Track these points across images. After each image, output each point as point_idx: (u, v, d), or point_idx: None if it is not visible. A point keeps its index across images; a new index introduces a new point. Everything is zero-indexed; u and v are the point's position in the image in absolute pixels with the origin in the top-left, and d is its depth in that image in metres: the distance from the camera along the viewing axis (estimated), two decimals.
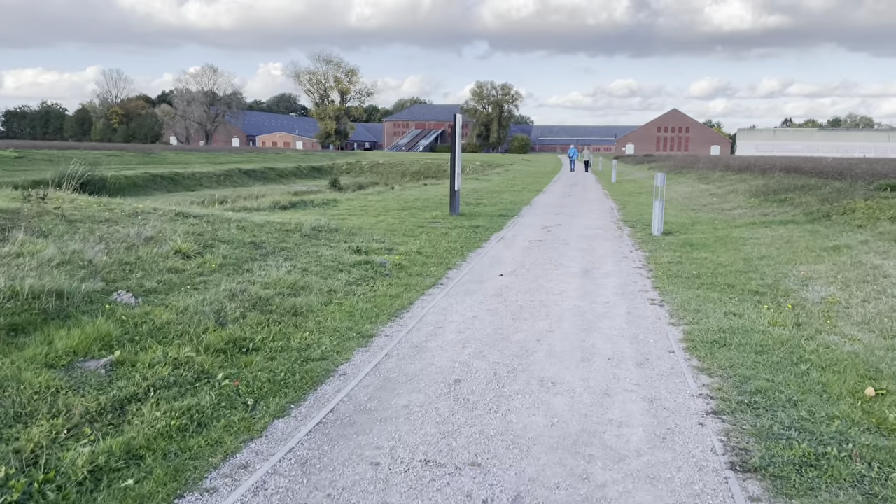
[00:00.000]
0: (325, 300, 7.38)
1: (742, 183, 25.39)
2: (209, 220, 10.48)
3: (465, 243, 12.24)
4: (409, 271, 9.35)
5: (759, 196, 20.48)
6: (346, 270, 8.95)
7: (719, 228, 14.69)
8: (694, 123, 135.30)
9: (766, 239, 12.64)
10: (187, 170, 45.15)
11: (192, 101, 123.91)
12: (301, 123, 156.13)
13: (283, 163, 61.98)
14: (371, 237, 11.98)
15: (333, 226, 12.41)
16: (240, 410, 4.49)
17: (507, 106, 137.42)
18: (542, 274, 9.55)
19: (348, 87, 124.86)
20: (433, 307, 7.47)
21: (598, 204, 21.77)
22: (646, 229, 14.89)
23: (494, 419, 4.44)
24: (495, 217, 16.91)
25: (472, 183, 31.64)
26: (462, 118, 16.74)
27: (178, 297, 6.64)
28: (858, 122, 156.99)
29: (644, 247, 12.29)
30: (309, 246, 10.31)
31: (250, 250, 9.16)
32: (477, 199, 21.80)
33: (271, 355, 5.53)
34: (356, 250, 10.35)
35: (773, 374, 5.24)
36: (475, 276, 9.37)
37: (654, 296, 8.18)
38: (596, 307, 7.57)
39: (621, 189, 29.70)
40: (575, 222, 16.31)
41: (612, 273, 9.67)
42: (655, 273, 9.60)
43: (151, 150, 59.38)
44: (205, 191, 39.76)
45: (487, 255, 11.22)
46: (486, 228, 14.54)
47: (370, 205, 18.17)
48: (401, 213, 16.46)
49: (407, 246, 11.38)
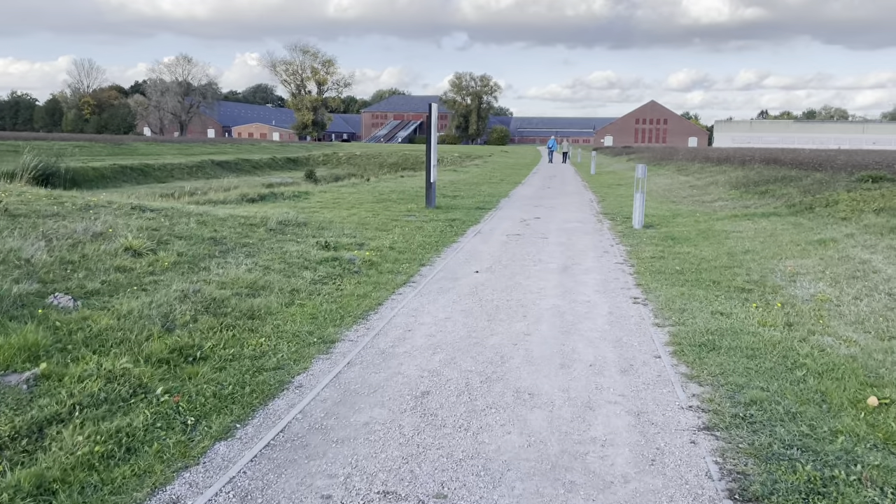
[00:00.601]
0: (287, 301, 6.85)
1: (722, 175, 25.17)
2: (167, 215, 9.88)
3: (440, 238, 11.76)
4: (380, 268, 8.85)
5: (739, 188, 20.23)
6: (312, 268, 8.42)
7: (701, 221, 14.36)
8: (672, 115, 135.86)
9: (749, 232, 12.32)
10: (158, 161, 44.09)
11: (166, 91, 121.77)
12: (278, 114, 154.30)
13: (258, 154, 60.92)
14: (341, 232, 11.44)
15: (302, 220, 11.85)
16: (177, 432, 3.97)
17: (486, 97, 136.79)
18: (520, 270, 9.10)
19: (325, 78, 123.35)
20: (403, 308, 6.98)
21: (577, 196, 21.39)
22: (626, 222, 14.52)
23: (465, 439, 3.97)
24: (472, 210, 16.44)
25: (449, 175, 31.14)
26: (439, 109, 16.24)
27: (122, 300, 6.08)
28: (833, 114, 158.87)
29: (625, 241, 11.90)
30: (274, 241, 9.75)
31: (209, 247, 8.58)
32: (454, 192, 21.31)
33: (220, 365, 5.01)
34: (324, 246, 9.81)
35: (767, 382, 4.83)
36: (449, 273, 8.89)
37: (637, 294, 7.77)
38: (576, 306, 7.13)
39: (600, 181, 29.39)
40: (554, 215, 15.90)
41: (592, 269, 9.25)
42: (638, 269, 9.19)
43: (122, 141, 57.98)
44: (176, 182, 38.79)
45: (463, 250, 10.75)
46: (463, 222, 14.07)
47: (343, 197, 17.60)
48: (375, 207, 15.92)
49: (379, 241, 10.87)
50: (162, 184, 38.19)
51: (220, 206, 13.46)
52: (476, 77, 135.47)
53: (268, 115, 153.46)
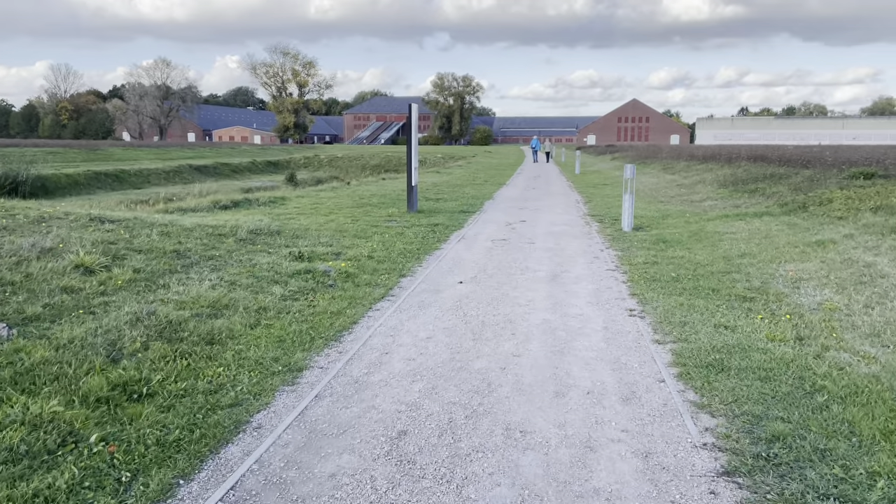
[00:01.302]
0: (252, 321, 6.24)
1: (708, 173, 24.81)
2: (128, 226, 9.22)
3: (422, 244, 11.18)
4: (357, 280, 8.25)
5: (727, 186, 19.84)
6: (283, 282, 7.80)
7: (692, 222, 13.90)
8: (653, 113, 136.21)
9: (742, 233, 11.86)
10: (134, 167, 43.10)
11: (145, 95, 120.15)
12: (259, 117, 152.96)
13: (238, 158, 60.00)
14: (317, 240, 10.82)
15: (275, 228, 11.22)
16: (107, 493, 3.36)
17: (468, 97, 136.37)
18: (507, 280, 8.54)
19: (306, 80, 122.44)
20: (381, 326, 6.39)
21: (563, 197, 20.90)
22: (615, 224, 14.02)
23: (447, 495, 3.40)
24: (456, 214, 15.87)
25: (432, 176, 30.56)
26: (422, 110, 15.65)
27: (65, 326, 5.44)
28: (812, 110, 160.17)
29: (615, 245, 11.39)
30: (243, 253, 9.12)
31: (171, 261, 7.94)
32: (437, 194, 20.74)
33: (169, 402, 4.40)
34: (298, 256, 9.20)
35: (787, 411, 4.31)
36: (431, 284, 8.31)
37: (633, 305, 7.23)
38: (568, 321, 6.58)
39: (585, 181, 28.95)
40: (540, 218, 15.37)
41: (583, 277, 8.71)
42: (631, 276, 8.67)
43: (98, 147, 56.78)
44: (152, 188, 37.90)
45: (446, 257, 10.18)
46: (446, 227, 13.50)
47: (322, 202, 16.96)
48: (354, 212, 15.31)
49: (357, 249, 10.27)
50: (137, 190, 37.29)
51: (190, 215, 12.79)
52: (458, 77, 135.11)
53: (249, 118, 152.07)
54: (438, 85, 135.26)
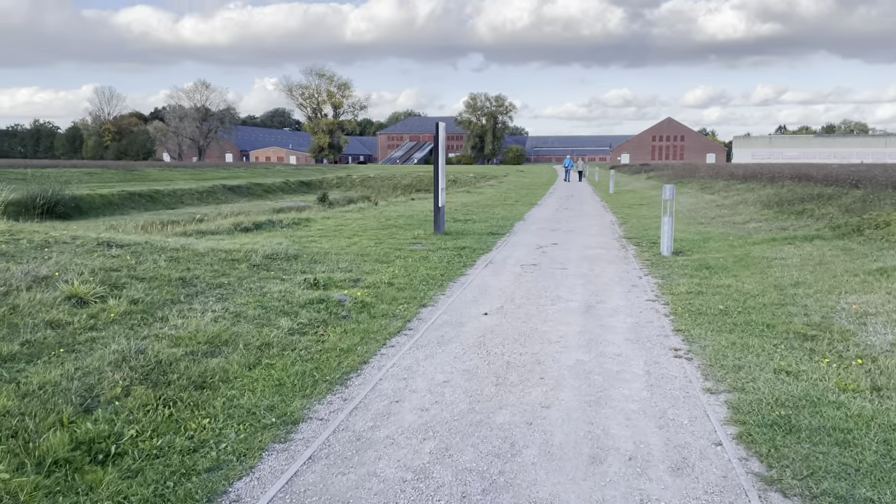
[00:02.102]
0: (252, 361, 5.64)
1: (750, 193, 23.76)
2: (135, 251, 8.75)
3: (446, 270, 10.53)
4: (374, 311, 7.62)
5: (772, 207, 18.83)
6: (293, 313, 7.21)
7: (736, 246, 13.00)
8: (688, 132, 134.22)
9: (793, 259, 10.95)
10: (168, 187, 43.44)
11: (185, 117, 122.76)
12: (295, 138, 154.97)
13: (272, 178, 60.34)
14: (336, 265, 10.25)
15: (293, 252, 10.68)
16: None
17: (501, 117, 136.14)
18: (536, 311, 7.82)
19: (341, 101, 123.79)
20: (393, 367, 5.73)
21: (596, 218, 20.08)
22: (653, 248, 13.20)
23: None
24: (484, 236, 15.20)
25: (462, 196, 29.98)
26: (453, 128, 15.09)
27: (40, 368, 4.90)
28: (853, 128, 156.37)
29: (654, 271, 10.59)
30: (254, 280, 8.57)
31: (174, 290, 7.41)
32: (466, 215, 20.11)
33: (139, 465, 3.79)
34: (313, 284, 8.61)
35: (877, 491, 3.51)
36: (454, 315, 7.63)
37: (678, 343, 6.45)
38: (605, 362, 5.84)
39: (620, 200, 28.06)
40: (573, 240, 14.61)
41: (620, 309, 7.94)
42: (674, 308, 7.88)
43: (134, 168, 57.68)
44: (185, 209, 38.10)
45: (471, 284, 9.50)
46: (473, 250, 12.83)
47: (346, 224, 16.45)
48: (379, 234, 14.75)
49: (377, 275, 9.65)
50: (170, 210, 37.49)
51: (208, 238, 12.35)
52: (491, 97, 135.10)
53: (285, 139, 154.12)
54: (471, 105, 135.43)
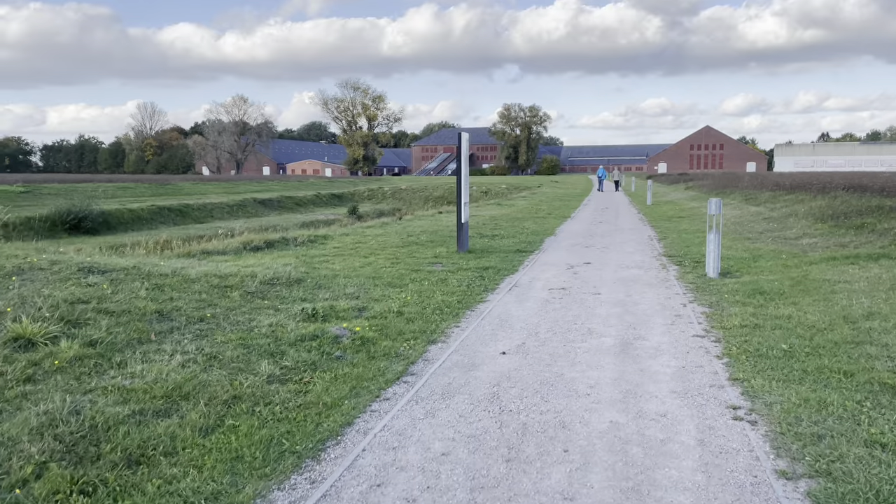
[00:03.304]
0: (212, 422, 4.65)
1: (799, 204, 22.18)
2: (116, 279, 7.88)
3: (464, 296, 9.47)
4: (374, 349, 6.60)
5: (826, 221, 17.31)
6: (279, 354, 6.22)
7: (791, 266, 11.65)
8: (728, 140, 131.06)
9: (860, 283, 9.61)
10: (199, 201, 43.30)
11: (223, 131, 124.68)
12: (330, 150, 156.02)
13: (303, 191, 60.11)
14: (342, 291, 9.26)
15: (297, 275, 9.74)
16: None
17: (535, 127, 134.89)
18: (563, 350, 6.70)
19: (375, 114, 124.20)
20: (382, 431, 4.68)
21: (633, 233, 18.80)
22: (696, 268, 11.94)
23: None
24: (511, 254, 14.10)
25: (492, 209, 28.91)
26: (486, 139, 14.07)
27: None
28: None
29: (700, 297, 9.36)
30: (245, 311, 7.62)
31: (146, 326, 6.49)
32: (493, 230, 19.03)
33: None
34: (310, 315, 7.63)
35: None
36: (466, 354, 6.56)
37: (736, 397, 5.27)
38: (646, 427, 4.70)
39: (658, 213, 26.65)
40: (608, 259, 13.41)
41: (663, 347, 6.77)
42: (727, 347, 6.68)
43: (168, 182, 57.99)
44: (215, 223, 37.82)
45: (491, 314, 8.41)
46: (498, 271, 11.75)
47: (365, 241, 15.51)
48: (398, 252, 13.76)
49: (386, 303, 8.64)
50: (199, 224, 37.26)
51: (211, 259, 11.50)
52: (525, 108, 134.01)
53: (321, 152, 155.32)
54: (505, 115, 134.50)
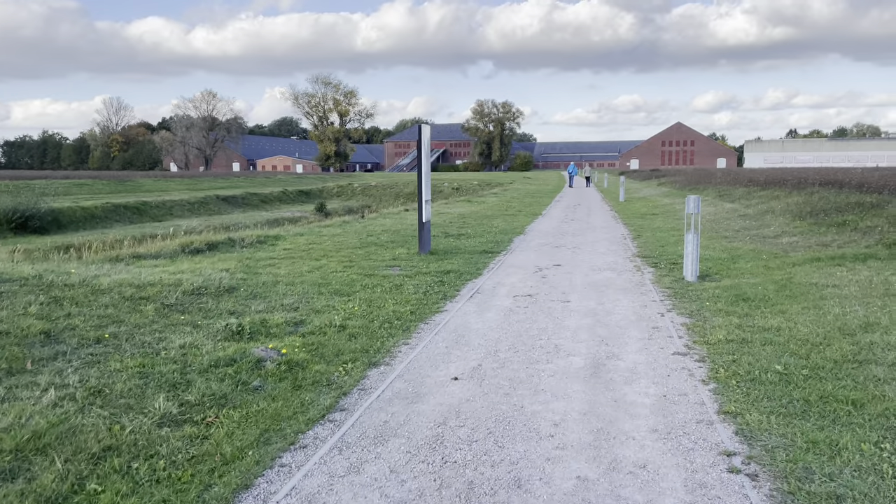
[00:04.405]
0: (67, 488, 3.58)
1: (775, 201, 21.57)
2: (7, 292, 6.74)
3: (419, 305, 8.47)
4: (302, 376, 5.57)
5: (804, 218, 16.65)
6: (184, 384, 5.17)
7: (773, 268, 10.87)
8: (698, 136, 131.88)
9: (850, 287, 8.82)
10: (158, 198, 41.63)
11: (192, 126, 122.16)
12: (301, 146, 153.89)
13: (270, 187, 58.57)
14: (280, 301, 8.21)
15: (230, 283, 8.66)
16: None
17: (508, 123, 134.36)
18: (525, 374, 5.75)
19: (347, 109, 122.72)
20: (287, 498, 3.67)
21: (606, 231, 17.96)
22: (673, 270, 11.10)
23: None
24: (476, 255, 13.13)
25: (461, 206, 27.93)
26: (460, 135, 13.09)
27: None
28: (865, 131, 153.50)
29: (679, 304, 8.48)
30: (157, 329, 6.54)
31: (21, 352, 5.39)
32: (460, 229, 18.06)
33: None
34: (234, 332, 6.58)
35: None
36: (411, 382, 5.57)
37: (728, 438, 4.36)
38: (621, 487, 3.75)
39: (631, 210, 25.93)
40: (579, 260, 12.52)
41: (640, 369, 5.85)
42: (713, 369, 5.77)
43: (128, 178, 56.05)
44: (174, 221, 36.36)
45: (447, 327, 7.43)
46: (460, 275, 10.77)
47: (320, 242, 14.43)
48: (354, 253, 12.72)
49: (328, 315, 7.61)
50: (157, 222, 35.75)
51: (140, 264, 10.34)
52: (498, 104, 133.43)
53: (292, 148, 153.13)
54: (478, 112, 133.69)
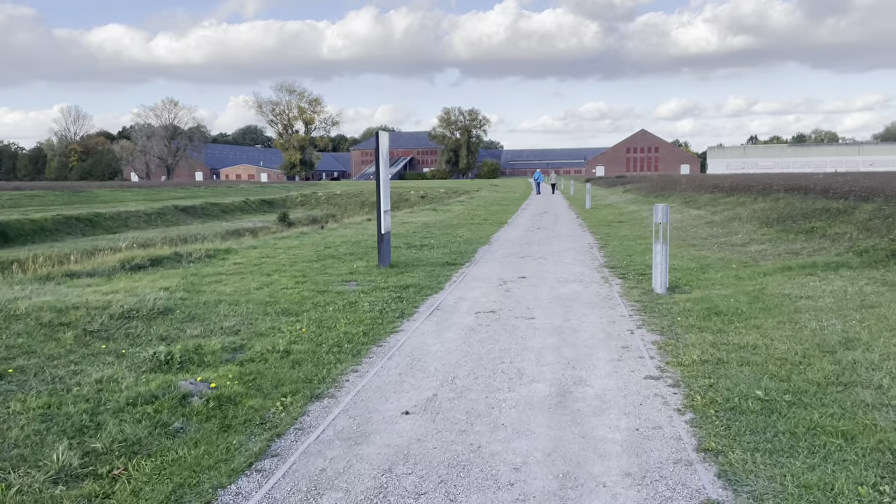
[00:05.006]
0: None
1: (741, 207, 21.46)
2: None
3: (374, 324, 7.86)
4: (233, 414, 4.92)
5: (772, 225, 16.45)
6: (93, 427, 4.49)
7: (744, 278, 10.51)
8: (662, 143, 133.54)
9: (825, 298, 8.47)
10: (113, 209, 40.22)
11: (153, 135, 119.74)
12: (266, 155, 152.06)
13: (232, 197, 57.27)
14: (220, 323, 7.52)
15: (166, 304, 7.94)
16: None
17: (475, 131, 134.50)
18: (484, 406, 5.18)
19: (312, 117, 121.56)
20: None
21: (572, 240, 17.55)
22: (641, 281, 10.67)
23: None
24: (439, 267, 12.57)
25: (426, 215, 27.36)
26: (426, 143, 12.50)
27: None
28: (823, 137, 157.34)
29: (650, 319, 8.02)
30: (73, 360, 5.82)
31: None
32: (423, 239, 17.48)
33: None
34: (163, 362, 5.89)
35: None
36: (357, 418, 4.96)
37: (710, 483, 3.83)
38: None
39: (598, 217, 25.66)
40: (545, 272, 12.03)
41: (610, 396, 5.33)
42: (689, 396, 5.28)
43: (83, 189, 54.33)
44: (129, 233, 35.10)
45: (402, 350, 6.84)
46: (420, 289, 10.19)
47: (274, 255, 13.71)
48: (308, 267, 12.05)
49: (273, 338, 6.96)
50: (112, 234, 34.44)
51: (72, 283, 9.54)
52: (465, 111, 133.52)
53: (256, 156, 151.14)
54: (445, 119, 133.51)
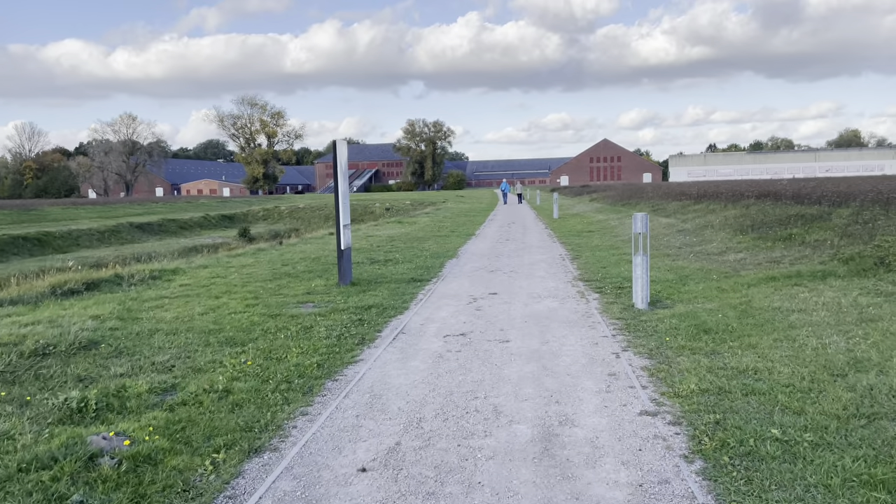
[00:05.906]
0: None
1: (711, 214, 21.08)
2: None
3: (331, 352, 7.00)
4: (150, 477, 4.02)
5: (746, 232, 16.01)
6: None
7: (727, 290, 9.90)
8: (625, 153, 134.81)
9: (819, 312, 7.87)
10: (64, 228, 38.47)
11: (110, 151, 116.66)
12: (228, 169, 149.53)
13: (191, 213, 55.59)
14: (153, 357, 6.57)
15: (92, 336, 6.96)
16: None
17: (440, 143, 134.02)
18: (457, 458, 4.36)
19: (275, 130, 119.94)
20: None
21: (543, 252, 16.87)
22: (620, 295, 9.99)
23: None
24: (404, 284, 11.73)
25: (392, 228, 26.49)
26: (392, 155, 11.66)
27: None
28: (780, 144, 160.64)
29: (635, 339, 7.30)
30: None
31: None
32: (388, 253, 16.63)
33: None
34: (76, 409, 4.95)
35: None
36: (301, 479, 4.10)
37: None
38: None
39: (567, 227, 25.10)
40: (517, 287, 11.28)
41: (602, 441, 4.55)
42: (694, 437, 4.53)
43: (34, 207, 52.13)
44: (81, 252, 33.53)
45: (360, 386, 5.98)
46: (383, 311, 9.34)
47: (226, 275, 12.71)
48: (262, 287, 11.11)
49: (211, 374, 6.05)
50: (62, 254, 32.80)
51: None
52: (429, 123, 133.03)
53: (218, 171, 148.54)
54: (409, 131, 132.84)
